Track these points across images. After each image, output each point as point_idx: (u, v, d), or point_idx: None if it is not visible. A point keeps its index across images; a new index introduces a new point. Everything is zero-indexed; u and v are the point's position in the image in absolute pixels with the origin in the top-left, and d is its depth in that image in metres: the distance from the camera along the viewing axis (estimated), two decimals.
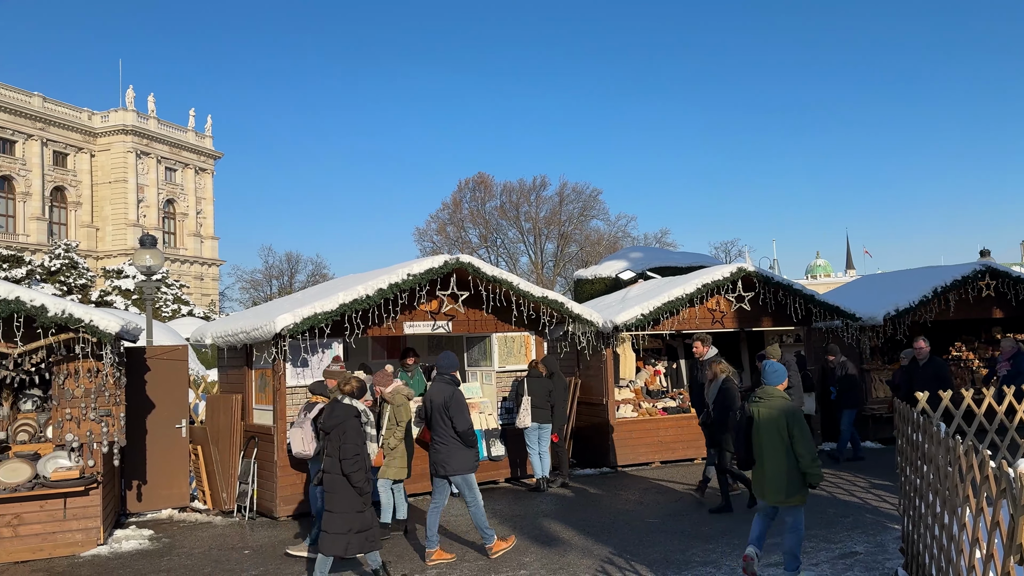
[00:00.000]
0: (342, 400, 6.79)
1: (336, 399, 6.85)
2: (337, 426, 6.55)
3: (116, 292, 47.79)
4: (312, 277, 73.72)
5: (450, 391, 7.69)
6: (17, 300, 8.30)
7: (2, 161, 57.26)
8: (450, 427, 7.61)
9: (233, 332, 10.56)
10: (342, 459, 6.41)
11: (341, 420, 6.56)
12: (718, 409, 9.57)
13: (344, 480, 6.43)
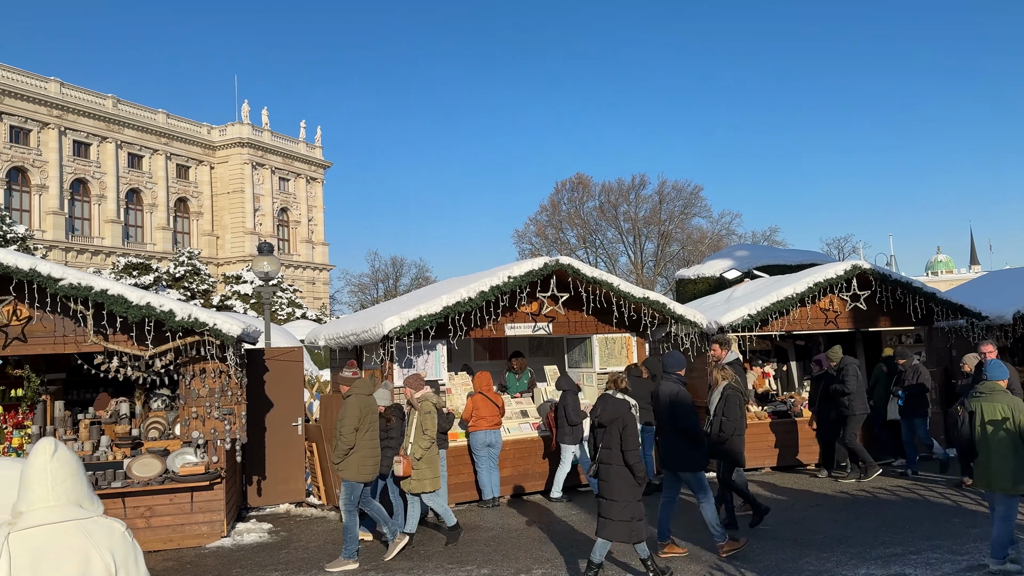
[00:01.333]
0: (615, 395, 7.07)
1: (608, 394, 7.13)
2: (615, 420, 6.88)
3: (235, 296, 50.45)
4: (415, 280, 75.62)
5: (675, 389, 7.82)
6: (148, 306, 8.90)
7: (131, 175, 61.54)
8: (675, 424, 7.70)
9: (344, 334, 10.96)
10: (625, 450, 6.78)
11: (620, 414, 6.89)
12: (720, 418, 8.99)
13: (624, 470, 6.79)
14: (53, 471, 2.39)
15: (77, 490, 2.42)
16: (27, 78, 54.07)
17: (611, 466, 6.86)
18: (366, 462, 7.97)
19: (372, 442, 8.05)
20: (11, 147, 52.69)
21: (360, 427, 7.94)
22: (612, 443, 6.86)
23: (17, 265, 8.55)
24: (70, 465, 2.43)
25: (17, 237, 39.18)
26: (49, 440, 2.50)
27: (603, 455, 6.94)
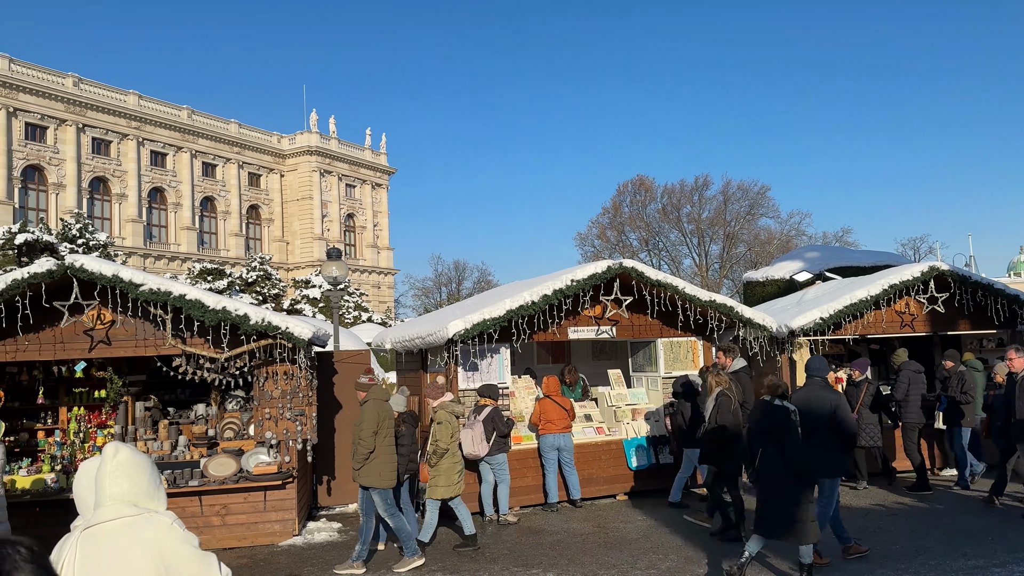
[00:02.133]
0: (772, 401, 7.07)
1: (766, 400, 7.12)
2: (778, 426, 6.90)
3: (304, 300, 51.72)
4: (478, 284, 76.14)
5: (836, 398, 7.64)
6: (223, 310, 9.21)
7: (205, 183, 63.77)
8: (839, 431, 7.53)
9: (410, 337, 11.12)
10: (791, 456, 6.79)
11: (782, 421, 6.91)
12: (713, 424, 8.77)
13: (786, 472, 6.79)
14: (110, 473, 2.54)
15: (133, 490, 2.55)
16: (107, 91, 56.62)
17: (773, 470, 6.86)
18: (385, 467, 8.01)
19: (391, 447, 8.11)
20: (93, 158, 55.24)
21: (378, 432, 8.00)
22: (776, 449, 6.86)
23: (101, 271, 8.95)
24: (127, 467, 2.56)
25: (99, 244, 41.02)
26: (112, 444, 2.65)
27: (764, 460, 6.96)
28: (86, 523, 2.56)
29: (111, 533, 2.51)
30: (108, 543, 2.50)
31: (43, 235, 37.78)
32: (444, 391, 9.11)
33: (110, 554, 2.48)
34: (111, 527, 2.51)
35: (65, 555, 2.51)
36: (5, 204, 48.95)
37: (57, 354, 9.32)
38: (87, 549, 2.50)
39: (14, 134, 50.40)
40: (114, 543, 2.49)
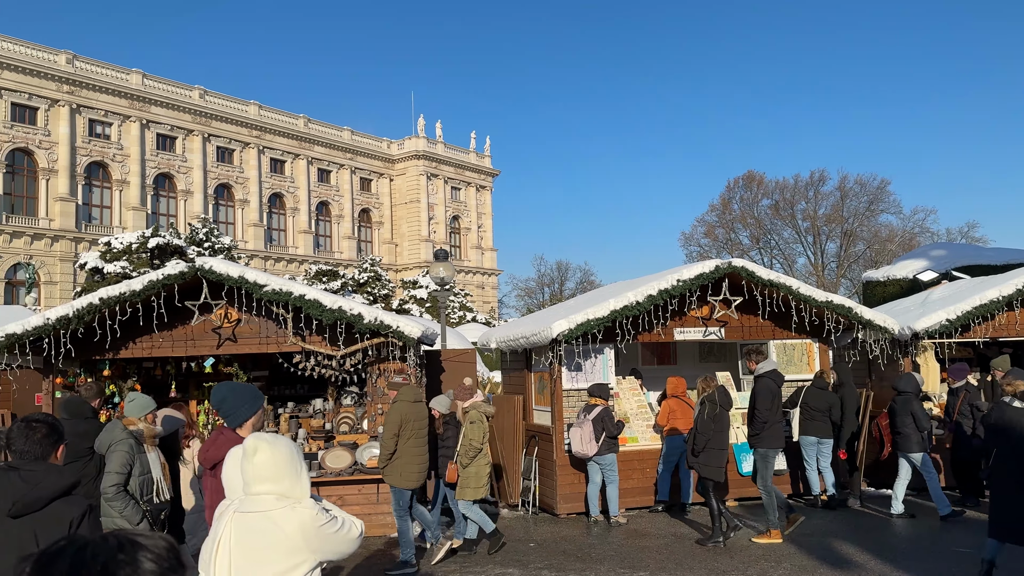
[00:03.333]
0: (1012, 403, 6.89)
1: (1005, 401, 6.93)
2: (1013, 428, 6.73)
3: (412, 301, 53.17)
4: (580, 284, 75.95)
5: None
6: (340, 309, 9.61)
7: (321, 188, 66.58)
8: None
9: (514, 337, 11.25)
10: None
11: (1015, 422, 6.72)
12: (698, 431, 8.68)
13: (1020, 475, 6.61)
14: (252, 471, 2.75)
15: (276, 487, 2.75)
16: (230, 102, 60.04)
17: (1008, 473, 6.60)
18: (408, 468, 7.95)
19: (416, 449, 8.00)
20: (218, 166, 58.71)
21: (402, 434, 7.93)
22: (1008, 451, 6.61)
23: (228, 273, 9.53)
24: (267, 467, 2.77)
25: (223, 247, 43.59)
26: (252, 440, 2.85)
27: (998, 460, 6.71)
28: (237, 507, 2.80)
29: (259, 522, 2.74)
30: (257, 528, 2.73)
31: (173, 239, 40.51)
32: (473, 392, 9.07)
33: (260, 537, 2.72)
34: (258, 517, 2.75)
35: (221, 532, 2.77)
36: (139, 210, 52.73)
37: (188, 351, 9.99)
38: (239, 530, 2.74)
39: (147, 144, 54.23)
40: (262, 529, 2.72)
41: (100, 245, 40.38)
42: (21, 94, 47.70)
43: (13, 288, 46.25)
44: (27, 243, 47.16)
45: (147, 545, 1.11)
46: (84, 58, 51.37)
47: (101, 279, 38.18)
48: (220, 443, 4.17)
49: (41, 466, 3.27)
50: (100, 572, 1.03)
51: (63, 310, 9.12)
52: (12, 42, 47.83)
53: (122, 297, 9.15)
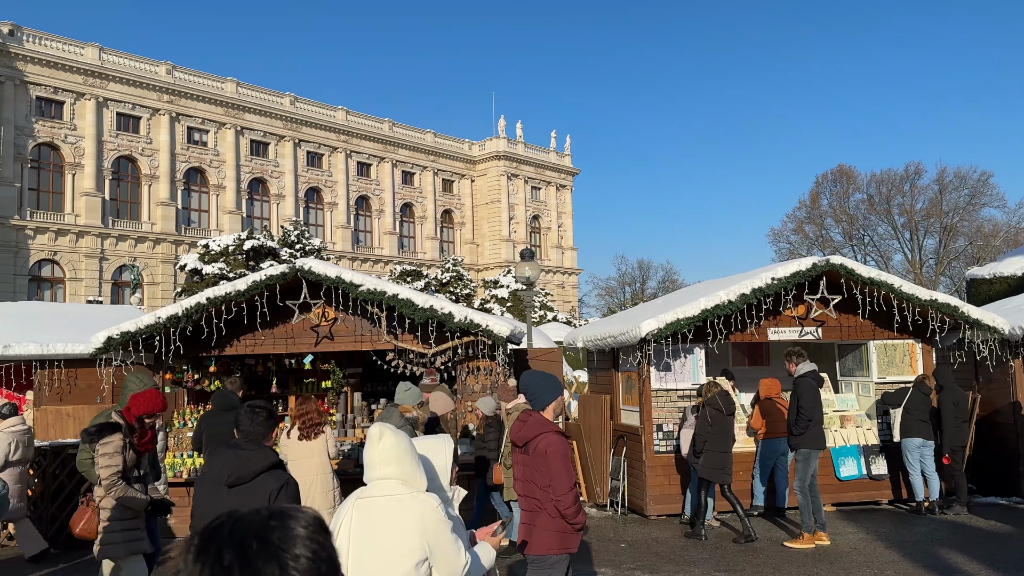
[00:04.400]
0: None
1: None
2: None
3: (493, 300, 53.60)
4: (662, 283, 74.89)
5: None
6: (431, 308, 9.81)
7: (404, 190, 67.91)
8: None
9: (602, 336, 11.21)
10: None
11: None
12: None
13: None
14: (377, 456, 2.85)
15: (399, 471, 2.84)
16: (319, 108, 61.91)
17: None
18: None
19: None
20: (307, 170, 60.63)
21: None
22: None
23: (326, 273, 9.86)
24: (392, 451, 2.86)
25: (314, 249, 44.98)
26: (377, 427, 2.95)
27: None
28: (360, 494, 2.90)
29: (382, 507, 2.84)
30: (380, 514, 2.83)
31: (266, 241, 42.07)
32: (516, 394, 9.04)
33: (381, 523, 2.82)
34: (382, 502, 2.85)
35: (343, 517, 2.88)
36: (234, 214, 55.00)
37: (288, 348, 10.38)
38: (362, 515, 2.85)
39: (241, 150, 56.51)
40: (385, 515, 2.82)
41: (199, 247, 42.34)
42: (125, 104, 50.47)
43: (119, 289, 48.99)
44: (131, 246, 49.88)
45: (296, 514, 1.22)
46: (182, 68, 53.95)
47: (200, 280, 40.04)
48: (530, 423, 4.68)
49: (253, 446, 3.97)
50: (255, 536, 1.15)
51: (173, 309, 9.63)
52: (117, 55, 50.68)
53: (228, 297, 9.60)
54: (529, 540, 4.63)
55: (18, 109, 45.62)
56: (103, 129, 49.23)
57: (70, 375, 11.76)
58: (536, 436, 4.58)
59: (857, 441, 10.74)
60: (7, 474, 8.53)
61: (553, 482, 4.47)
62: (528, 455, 4.64)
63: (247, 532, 1.16)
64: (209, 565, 1.11)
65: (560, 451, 4.52)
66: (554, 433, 4.57)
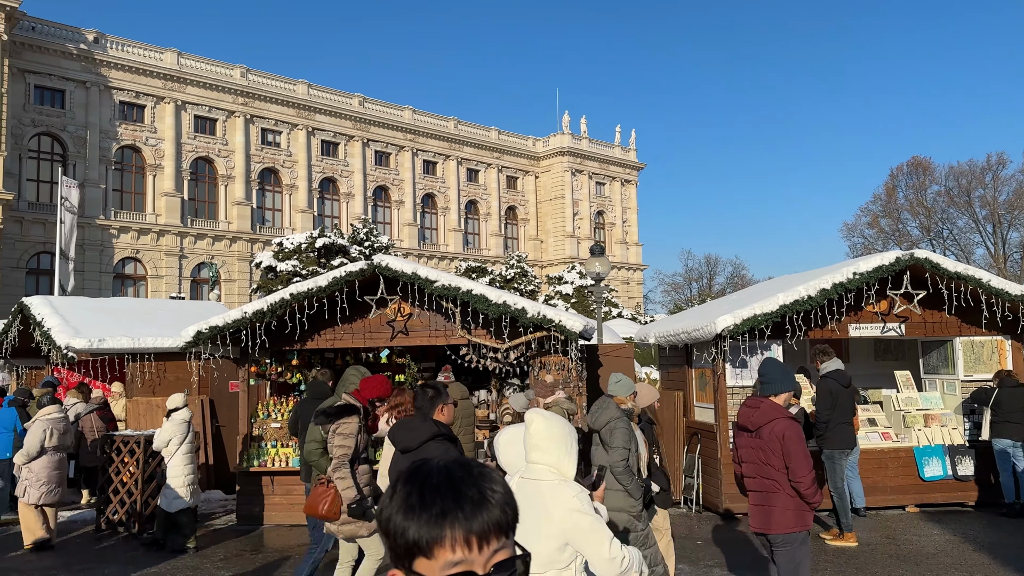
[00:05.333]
0: None
1: None
2: None
3: (558, 296, 53.58)
4: (731, 279, 73.63)
5: None
6: (504, 304, 9.90)
7: (469, 188, 68.46)
8: None
9: (675, 332, 11.12)
10: None
11: None
12: None
13: None
14: (531, 434, 2.97)
15: (548, 457, 2.94)
16: (387, 108, 62.94)
17: None
18: None
19: (466, 445, 8.29)
20: (376, 169, 61.72)
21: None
22: None
23: (403, 269, 10.07)
24: (543, 435, 2.97)
25: (382, 246, 45.77)
26: (531, 413, 3.08)
27: None
28: (523, 473, 3.06)
29: (530, 491, 2.97)
30: (526, 497, 2.96)
31: (337, 239, 43.04)
32: (555, 389, 9.10)
33: (527, 506, 2.94)
34: (531, 485, 2.99)
35: None
36: (306, 212, 56.41)
37: (366, 342, 10.64)
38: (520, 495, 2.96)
39: (313, 150, 57.90)
40: (530, 499, 2.95)
41: (273, 245, 43.62)
42: (202, 107, 52.31)
43: (198, 285, 50.86)
44: (209, 244, 51.70)
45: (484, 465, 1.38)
46: (256, 71, 55.57)
47: (274, 277, 41.24)
48: (763, 409, 4.98)
49: (420, 418, 4.69)
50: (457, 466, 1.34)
51: (258, 304, 9.99)
52: (194, 59, 52.55)
53: (309, 293, 9.90)
54: (768, 521, 5.03)
55: (103, 113, 47.81)
56: (181, 131, 51.15)
57: (160, 368, 12.32)
58: (770, 421, 4.95)
59: (942, 441, 10.39)
60: (44, 460, 8.96)
61: (792, 464, 4.85)
62: (760, 439, 4.99)
63: (450, 464, 1.34)
64: (418, 485, 1.29)
65: (797, 435, 4.90)
66: (788, 419, 4.93)
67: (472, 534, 1.25)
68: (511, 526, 1.31)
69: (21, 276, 43.98)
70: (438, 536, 1.25)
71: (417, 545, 1.26)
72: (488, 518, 1.27)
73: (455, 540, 1.25)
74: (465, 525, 1.25)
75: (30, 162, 45.51)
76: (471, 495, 1.28)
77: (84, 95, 47.11)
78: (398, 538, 1.28)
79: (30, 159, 45.54)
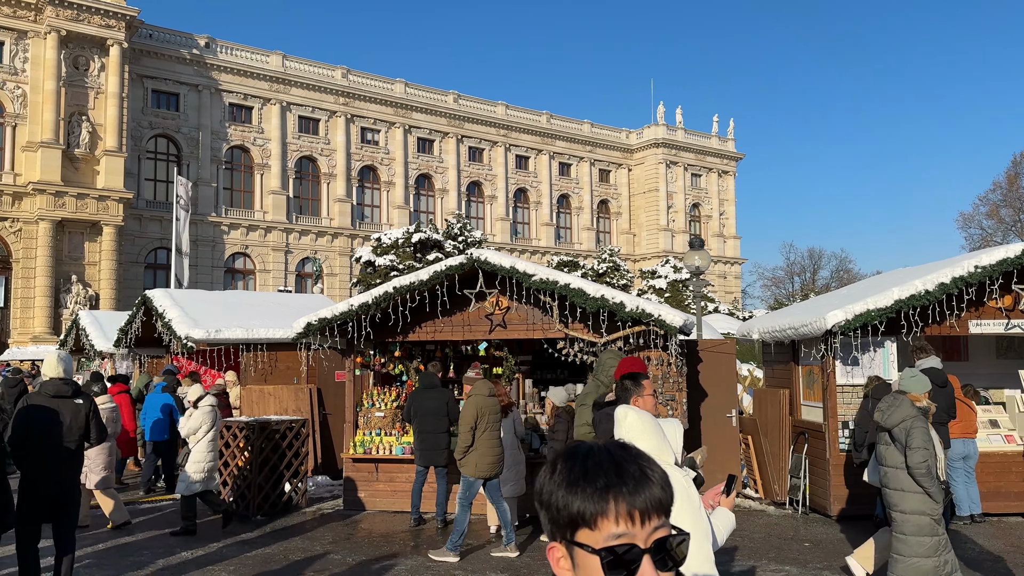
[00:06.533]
0: None
1: None
2: None
3: (651, 291, 52.87)
4: (836, 273, 70.72)
5: None
6: (602, 298, 9.86)
7: (561, 182, 68.38)
8: None
9: (780, 328, 10.79)
10: None
11: None
12: None
13: None
14: (626, 427, 2.96)
15: (648, 439, 2.94)
16: (480, 104, 63.62)
17: None
18: (484, 460, 8.31)
19: (491, 441, 8.37)
20: (469, 165, 62.52)
21: (477, 427, 8.29)
22: None
23: (501, 263, 10.17)
24: (637, 425, 2.96)
25: (475, 241, 46.37)
26: (621, 408, 3.09)
27: None
28: None
29: None
30: None
31: (432, 234, 43.90)
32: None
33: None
34: None
35: None
36: (403, 208, 57.77)
37: (465, 335, 10.82)
38: None
39: (409, 148, 59.20)
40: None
41: (371, 241, 44.95)
42: (306, 107, 54.34)
43: (302, 279, 52.96)
44: (312, 240, 53.72)
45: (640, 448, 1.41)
46: (356, 71, 57.24)
47: (372, 271, 42.46)
48: None
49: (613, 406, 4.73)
50: (618, 447, 1.38)
51: (364, 297, 10.31)
52: (298, 61, 54.62)
53: (412, 286, 10.15)
54: None
55: (214, 115, 50.39)
56: (287, 131, 53.30)
57: (271, 358, 12.91)
58: None
59: None
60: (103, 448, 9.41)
61: None
62: None
63: (609, 445, 1.39)
64: (580, 462, 1.34)
65: None
66: None
67: (635, 508, 1.30)
68: (669, 505, 1.35)
69: (140, 271, 46.94)
70: (603, 508, 1.30)
71: (582, 516, 1.31)
72: (649, 495, 1.31)
73: (619, 513, 1.29)
74: (628, 499, 1.30)
75: (147, 162, 48.48)
76: (632, 471, 1.32)
77: (197, 98, 49.75)
78: (561, 511, 1.33)
79: (148, 159, 48.50)
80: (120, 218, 43.21)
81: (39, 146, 41.20)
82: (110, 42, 43.55)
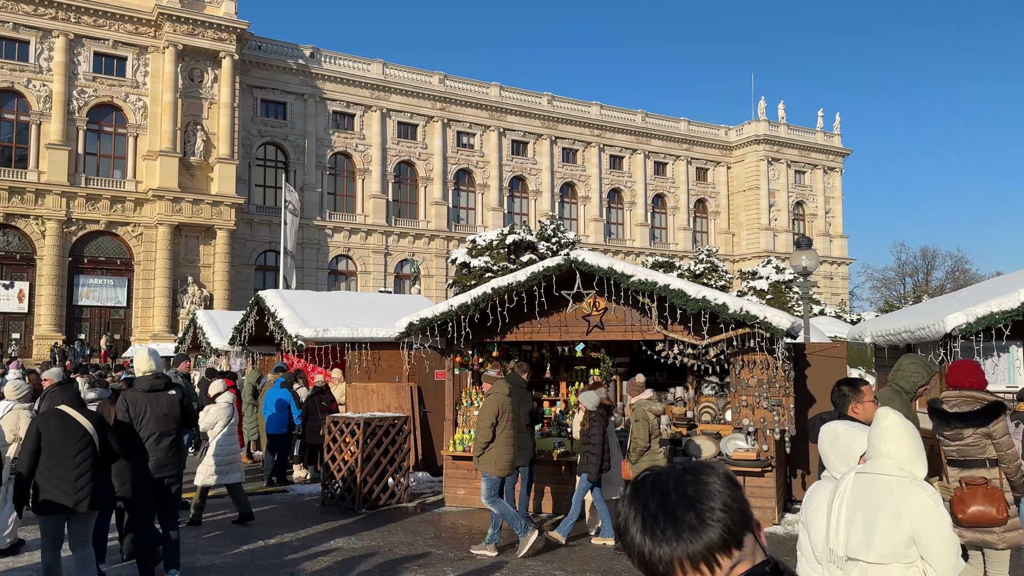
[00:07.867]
0: None
1: None
2: None
3: (751, 292, 51.33)
4: (951, 273, 66.79)
5: None
6: (704, 299, 9.64)
7: (657, 181, 67.37)
8: None
9: (895, 331, 10.30)
10: None
11: None
12: None
13: None
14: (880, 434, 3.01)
15: (898, 452, 2.92)
16: (574, 105, 63.53)
17: None
18: (502, 457, 8.46)
19: (509, 439, 8.50)
20: (562, 166, 62.50)
21: (497, 424, 8.44)
22: None
23: (599, 264, 10.12)
24: (892, 431, 2.97)
25: (568, 242, 46.28)
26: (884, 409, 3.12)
27: None
28: (859, 468, 3.10)
29: (882, 484, 3.00)
30: (876, 490, 2.99)
31: (526, 235, 44.09)
32: (642, 389, 8.85)
33: (877, 499, 2.98)
34: (883, 480, 3.01)
35: (841, 487, 3.08)
36: (497, 211, 58.33)
37: (561, 335, 10.82)
38: (859, 488, 3.03)
39: (503, 151, 59.74)
40: (881, 493, 2.98)
41: (467, 242, 45.55)
42: (404, 113, 55.71)
43: (400, 281, 54.32)
44: (410, 242, 55.03)
45: (708, 470, 1.41)
46: (452, 77, 58.25)
47: (467, 272, 43.06)
48: None
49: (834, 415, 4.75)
50: (673, 489, 1.37)
51: (463, 298, 10.48)
52: (397, 68, 56.07)
53: (510, 287, 10.24)
54: None
55: (318, 123, 52.38)
56: (386, 137, 54.80)
57: (375, 356, 13.30)
58: None
59: None
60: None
61: None
62: None
63: (667, 485, 1.38)
64: (639, 511, 1.37)
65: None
66: None
67: (698, 558, 1.32)
68: (738, 540, 1.34)
69: (251, 272, 49.29)
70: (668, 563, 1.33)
71: (650, 569, 1.35)
72: (707, 541, 1.32)
73: (685, 571, 1.32)
74: (685, 551, 1.32)
75: (257, 169, 50.86)
76: (689, 521, 1.33)
77: (302, 107, 51.84)
78: (632, 553, 1.38)
79: (257, 166, 50.89)
80: (232, 222, 45.53)
81: (158, 155, 43.92)
82: (222, 55, 45.98)
